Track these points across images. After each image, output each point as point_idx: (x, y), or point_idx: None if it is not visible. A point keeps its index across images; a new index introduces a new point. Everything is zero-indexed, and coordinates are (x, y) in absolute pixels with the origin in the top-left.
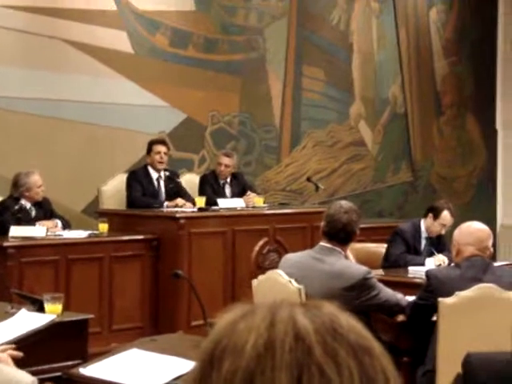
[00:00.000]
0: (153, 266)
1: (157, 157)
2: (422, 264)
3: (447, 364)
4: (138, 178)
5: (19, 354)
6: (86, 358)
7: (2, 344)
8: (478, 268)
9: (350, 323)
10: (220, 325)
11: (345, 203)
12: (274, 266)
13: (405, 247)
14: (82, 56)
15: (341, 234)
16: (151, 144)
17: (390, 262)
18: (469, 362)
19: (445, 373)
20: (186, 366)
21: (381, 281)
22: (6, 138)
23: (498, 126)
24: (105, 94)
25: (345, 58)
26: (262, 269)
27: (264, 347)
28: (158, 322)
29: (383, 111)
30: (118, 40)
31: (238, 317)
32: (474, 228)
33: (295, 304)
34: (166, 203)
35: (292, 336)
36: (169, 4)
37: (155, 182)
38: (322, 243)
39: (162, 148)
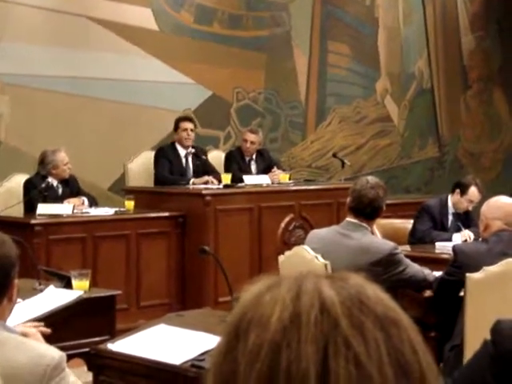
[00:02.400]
0: (179, 243)
1: (184, 134)
2: (449, 240)
3: (475, 339)
4: (165, 155)
5: (48, 330)
6: (114, 334)
7: (31, 320)
8: (506, 242)
9: (377, 295)
10: (245, 297)
11: (371, 179)
12: (300, 242)
13: (431, 223)
14: (108, 34)
15: (367, 210)
16: (178, 121)
17: (416, 238)
18: (498, 328)
19: (472, 348)
20: (212, 341)
21: (407, 256)
22: (33, 116)
23: None
24: (130, 72)
25: (370, 33)
26: (287, 245)
27: (289, 320)
28: (184, 298)
29: (409, 86)
30: (143, 17)
31: (263, 289)
32: (502, 202)
33: (321, 275)
34: (192, 180)
35: (318, 308)
36: None
37: (183, 159)
38: (349, 219)
39: (188, 125)
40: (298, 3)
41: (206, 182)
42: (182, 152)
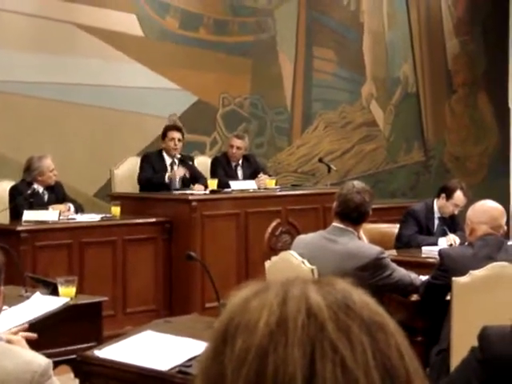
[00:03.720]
0: (166, 249)
1: (171, 143)
2: (435, 244)
3: (461, 343)
4: (150, 161)
5: (33, 335)
6: (101, 341)
7: (17, 327)
8: (492, 247)
9: (363, 299)
10: (233, 302)
11: (357, 183)
12: (287, 247)
13: (417, 228)
14: (93, 40)
15: (353, 214)
16: (166, 130)
17: (402, 243)
18: (485, 335)
19: (459, 352)
20: (199, 347)
21: (394, 261)
22: (19, 123)
23: (511, 103)
24: (116, 78)
25: (355, 39)
26: (274, 250)
27: (276, 324)
28: (171, 304)
29: (395, 91)
30: (129, 23)
31: (250, 294)
32: (488, 206)
33: (308, 281)
34: (167, 174)
35: (304, 312)
36: None
37: (168, 168)
38: (335, 224)
39: (176, 134)
40: (283, 9)
41: (185, 175)
42: (167, 160)
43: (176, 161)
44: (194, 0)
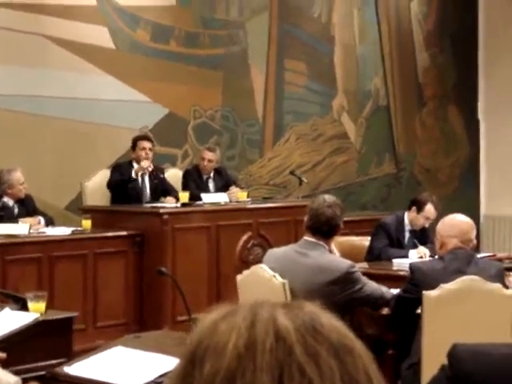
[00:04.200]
0: (137, 262)
1: (142, 153)
2: (405, 256)
3: (432, 357)
4: (120, 170)
5: (3, 355)
6: (71, 357)
7: None
8: (462, 260)
9: (331, 322)
10: (202, 325)
11: (328, 197)
12: (259, 260)
13: (387, 240)
14: (64, 52)
15: (324, 228)
16: (136, 140)
17: (373, 256)
18: (455, 353)
19: (430, 365)
20: (170, 363)
21: (365, 274)
22: None
23: (481, 116)
24: (87, 90)
25: (327, 51)
26: (246, 263)
27: (245, 347)
28: (142, 317)
29: (366, 104)
30: (100, 35)
31: (219, 317)
32: (457, 220)
33: (277, 304)
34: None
35: (272, 336)
36: None
37: (139, 178)
38: (306, 237)
39: (146, 144)
40: (254, 22)
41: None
42: None
43: (147, 171)
44: (165, 13)
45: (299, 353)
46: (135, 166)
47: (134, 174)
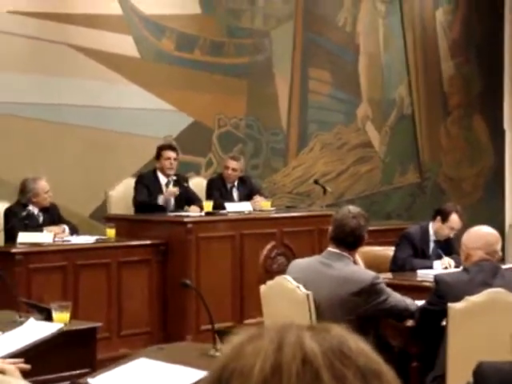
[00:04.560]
0: (161, 271)
1: (166, 163)
2: (430, 267)
3: (457, 370)
4: (144, 182)
5: (27, 366)
6: (95, 367)
7: (10, 354)
8: (487, 272)
9: (359, 346)
10: (228, 348)
11: (353, 208)
12: (282, 269)
13: (412, 251)
14: (89, 61)
15: (349, 239)
16: (160, 149)
17: (397, 266)
18: (480, 371)
19: (455, 379)
20: (193, 375)
21: (389, 284)
22: (14, 144)
23: (506, 125)
24: (111, 99)
25: (351, 60)
26: (269, 272)
27: (271, 371)
28: (166, 326)
29: (390, 112)
30: (125, 45)
31: (245, 340)
32: (483, 232)
33: (303, 327)
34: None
35: (299, 359)
36: (174, 8)
37: (163, 187)
38: (330, 248)
39: (171, 154)
40: (279, 30)
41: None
42: (163, 180)
43: (171, 180)
44: (190, 22)
45: (326, 377)
46: (160, 176)
47: (161, 201)
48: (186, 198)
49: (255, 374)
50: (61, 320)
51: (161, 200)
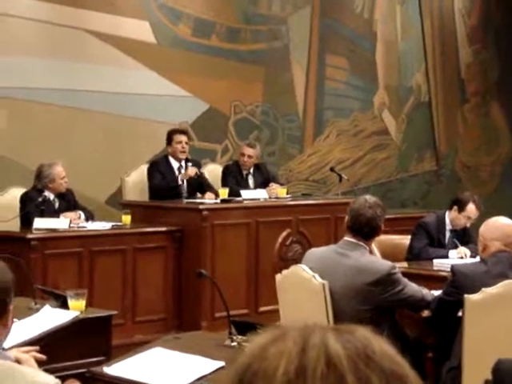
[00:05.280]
0: (176, 258)
1: (178, 146)
2: (445, 256)
3: (473, 361)
4: (158, 169)
5: (42, 356)
6: (110, 355)
7: (26, 342)
8: (505, 264)
9: (383, 349)
10: (250, 348)
11: (369, 198)
12: (297, 257)
13: (428, 240)
14: (105, 46)
15: (365, 229)
16: (171, 134)
17: (413, 255)
18: (499, 369)
19: (470, 370)
20: (209, 365)
21: (405, 274)
22: (29, 129)
23: None
24: (128, 85)
25: (368, 47)
26: (285, 260)
27: (295, 374)
28: (181, 313)
29: (407, 100)
30: (141, 30)
31: (269, 340)
32: (501, 223)
33: (327, 328)
34: (179, 176)
35: (324, 362)
36: None
37: (176, 172)
38: (347, 238)
39: (183, 137)
40: (296, 17)
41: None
42: (175, 165)
43: (183, 164)
44: (207, 7)
45: (351, 380)
46: (172, 161)
47: (180, 181)
48: (199, 185)
49: (279, 377)
50: (76, 308)
51: (179, 179)
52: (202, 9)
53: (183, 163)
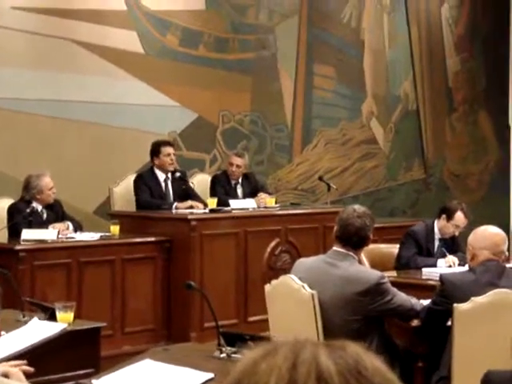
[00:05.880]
0: (165, 268)
1: (167, 159)
2: (434, 265)
3: (462, 371)
4: (144, 181)
5: (30, 369)
6: (99, 367)
7: (15, 353)
8: (494, 273)
9: (375, 365)
10: (241, 363)
11: (358, 207)
12: (286, 267)
13: (416, 249)
14: (93, 57)
15: (354, 239)
16: (159, 146)
17: (401, 265)
18: (488, 381)
19: (460, 380)
20: (199, 377)
21: (394, 283)
22: (17, 140)
23: (511, 121)
24: (115, 95)
25: (356, 56)
26: (274, 270)
27: None
28: (170, 324)
29: (395, 108)
30: (129, 40)
31: (259, 356)
32: (489, 232)
33: (319, 344)
34: (175, 204)
35: (314, 378)
36: (179, 4)
37: (162, 184)
38: (335, 248)
39: (171, 150)
40: (283, 26)
41: (191, 207)
42: (161, 177)
43: (170, 176)
44: (195, 17)
45: None
46: (158, 173)
47: (174, 208)
48: (185, 195)
49: None
50: (65, 320)
51: (173, 208)
52: (190, 19)
53: (169, 175)
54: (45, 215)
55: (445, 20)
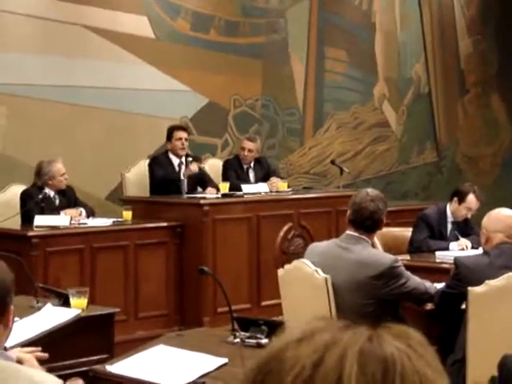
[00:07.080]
0: (177, 253)
1: (178, 143)
2: (445, 249)
3: (476, 354)
4: (159, 163)
5: (44, 355)
6: (113, 352)
7: (28, 340)
8: (508, 256)
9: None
10: (273, 345)
11: (371, 191)
12: (299, 251)
13: (428, 232)
14: (103, 42)
15: (367, 223)
16: (172, 130)
17: (414, 248)
18: (504, 363)
19: (474, 363)
20: (212, 362)
21: (408, 266)
22: (29, 126)
23: None
24: (126, 80)
25: (367, 38)
26: (286, 254)
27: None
28: (183, 308)
29: (407, 91)
30: (139, 25)
31: (293, 340)
32: (503, 215)
33: (359, 340)
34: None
35: (333, 381)
36: None
37: (177, 168)
38: (349, 232)
39: (183, 134)
40: (294, 9)
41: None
42: (175, 161)
43: (183, 161)
44: (205, 1)
45: None
46: (173, 158)
47: (182, 176)
48: (200, 179)
49: (288, 382)
50: (78, 306)
51: (182, 175)
52: (200, 3)
53: (183, 159)
54: (57, 201)
55: (457, 2)
